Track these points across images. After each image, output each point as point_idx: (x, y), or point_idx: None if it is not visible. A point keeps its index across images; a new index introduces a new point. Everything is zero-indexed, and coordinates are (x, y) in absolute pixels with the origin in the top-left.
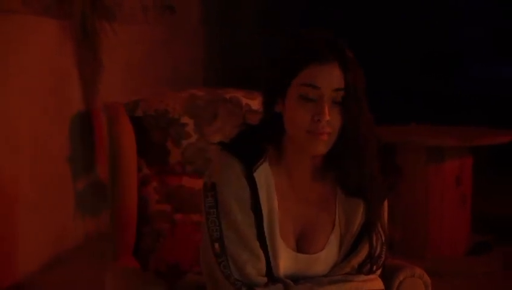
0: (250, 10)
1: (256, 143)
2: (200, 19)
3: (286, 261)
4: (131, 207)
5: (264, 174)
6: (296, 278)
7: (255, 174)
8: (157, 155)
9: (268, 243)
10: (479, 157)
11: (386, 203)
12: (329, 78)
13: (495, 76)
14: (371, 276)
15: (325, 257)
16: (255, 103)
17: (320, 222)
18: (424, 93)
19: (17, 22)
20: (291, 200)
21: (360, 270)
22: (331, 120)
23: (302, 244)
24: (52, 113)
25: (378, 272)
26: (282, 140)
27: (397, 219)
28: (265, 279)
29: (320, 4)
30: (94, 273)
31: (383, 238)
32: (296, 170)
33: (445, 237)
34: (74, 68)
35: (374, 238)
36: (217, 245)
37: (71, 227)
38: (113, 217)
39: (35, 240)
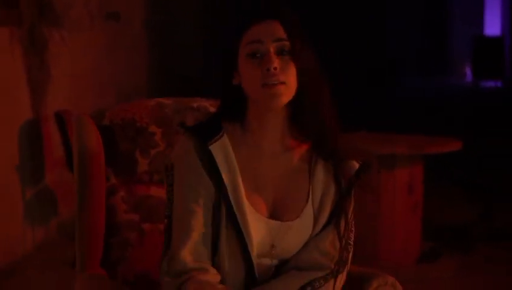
0: (191, 13)
1: (214, 122)
2: (143, 25)
3: (257, 227)
4: (99, 217)
5: (221, 148)
6: (269, 246)
7: (211, 148)
8: (125, 164)
9: (235, 210)
10: (429, 164)
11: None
12: (270, 31)
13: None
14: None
15: (298, 227)
16: None
17: (293, 192)
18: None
19: None
20: (261, 170)
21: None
22: (282, 69)
23: (275, 212)
24: (0, 121)
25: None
26: (247, 113)
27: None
28: (202, 264)
29: None
30: (45, 283)
31: (350, 229)
32: (263, 140)
33: (396, 245)
34: (22, 76)
35: (342, 225)
36: (166, 221)
37: (20, 236)
38: (80, 227)
39: None
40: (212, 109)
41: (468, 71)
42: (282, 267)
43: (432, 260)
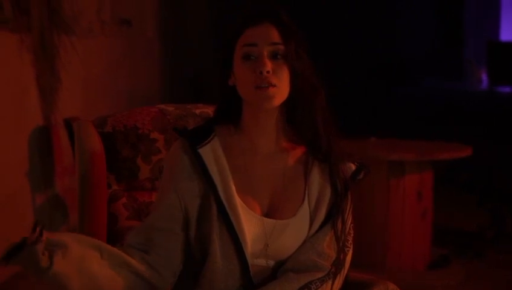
0: (203, 20)
1: (207, 126)
2: (156, 31)
3: (251, 225)
4: (101, 224)
5: (212, 150)
6: (263, 245)
7: (201, 151)
8: (126, 171)
9: (227, 208)
10: (439, 171)
11: (349, 195)
12: (265, 35)
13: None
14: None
15: (293, 227)
16: None
17: (289, 192)
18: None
19: None
20: (256, 170)
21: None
22: (275, 72)
23: (270, 211)
24: (11, 127)
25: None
26: (242, 114)
27: (359, 233)
28: (140, 246)
29: None
30: None
31: (348, 231)
32: (258, 140)
33: (406, 251)
34: (33, 82)
35: (339, 226)
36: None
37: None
38: (82, 233)
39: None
40: None
41: (484, 77)
42: (279, 269)
43: (442, 266)
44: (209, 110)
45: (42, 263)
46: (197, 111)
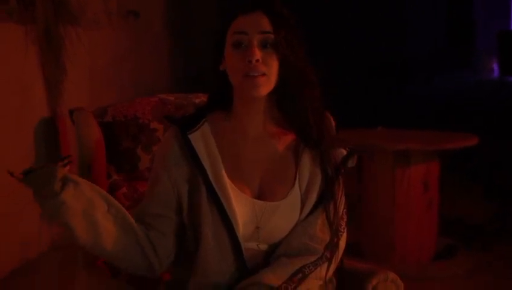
0: (212, 11)
1: (197, 113)
2: (165, 24)
3: (242, 207)
4: None
5: (202, 136)
6: (254, 228)
7: (191, 137)
8: (127, 161)
9: (217, 191)
10: (446, 161)
11: (341, 181)
12: (255, 23)
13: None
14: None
15: (284, 209)
16: None
17: (280, 175)
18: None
19: None
20: (246, 154)
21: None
22: (264, 61)
23: (261, 193)
24: (17, 119)
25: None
26: (233, 99)
27: (364, 224)
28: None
29: None
30: (60, 282)
31: (340, 216)
32: (248, 125)
33: (412, 242)
34: (38, 74)
35: (331, 210)
36: None
37: (36, 235)
38: None
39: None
40: None
41: (495, 67)
42: (272, 253)
43: (448, 256)
44: None
45: (55, 186)
46: (197, 100)
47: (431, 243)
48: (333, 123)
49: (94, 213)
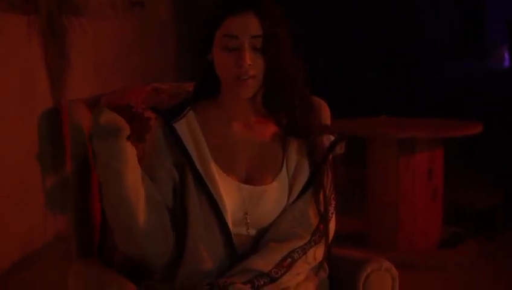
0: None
1: (183, 102)
2: (171, 13)
3: (229, 191)
4: (94, 205)
5: (187, 124)
6: (242, 213)
7: (176, 126)
8: None
9: (204, 177)
10: (450, 149)
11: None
12: (246, 27)
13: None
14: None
15: (272, 193)
16: None
17: (267, 160)
18: (393, 86)
19: None
20: (233, 140)
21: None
22: (254, 64)
23: (248, 178)
24: (20, 110)
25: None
26: (220, 87)
27: (369, 212)
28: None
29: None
30: (63, 273)
31: (328, 201)
32: (236, 112)
33: (417, 230)
34: (42, 65)
35: (319, 195)
36: None
37: (41, 225)
38: (74, 216)
39: (4, 240)
40: None
41: (506, 56)
42: (261, 239)
43: (454, 245)
44: None
45: (122, 123)
46: (191, 89)
47: (436, 231)
48: (328, 112)
49: (140, 175)
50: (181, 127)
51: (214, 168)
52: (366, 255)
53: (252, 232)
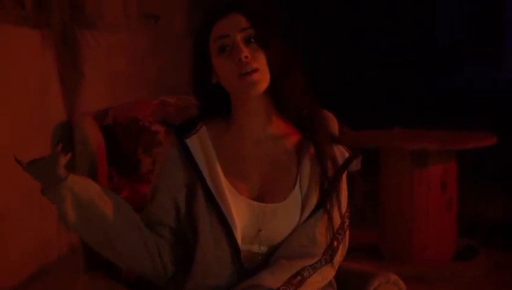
0: None
1: (195, 118)
2: (186, 26)
3: (241, 209)
4: None
5: (199, 139)
6: (256, 231)
7: (187, 142)
8: (128, 164)
9: (214, 193)
10: (464, 161)
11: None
12: (234, 24)
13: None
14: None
15: (284, 211)
16: None
17: (280, 176)
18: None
19: None
20: (246, 157)
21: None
22: (253, 56)
23: (260, 195)
24: (34, 123)
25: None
26: (231, 107)
27: (383, 224)
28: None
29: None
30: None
31: (342, 220)
32: (248, 128)
33: (431, 242)
34: (55, 78)
35: (332, 213)
36: None
37: (55, 238)
38: None
39: (19, 252)
40: None
41: None
42: (271, 255)
43: (468, 257)
44: None
45: (59, 171)
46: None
47: (450, 243)
48: (336, 123)
49: (102, 205)
50: (193, 143)
51: (225, 185)
52: (374, 269)
53: (264, 249)
